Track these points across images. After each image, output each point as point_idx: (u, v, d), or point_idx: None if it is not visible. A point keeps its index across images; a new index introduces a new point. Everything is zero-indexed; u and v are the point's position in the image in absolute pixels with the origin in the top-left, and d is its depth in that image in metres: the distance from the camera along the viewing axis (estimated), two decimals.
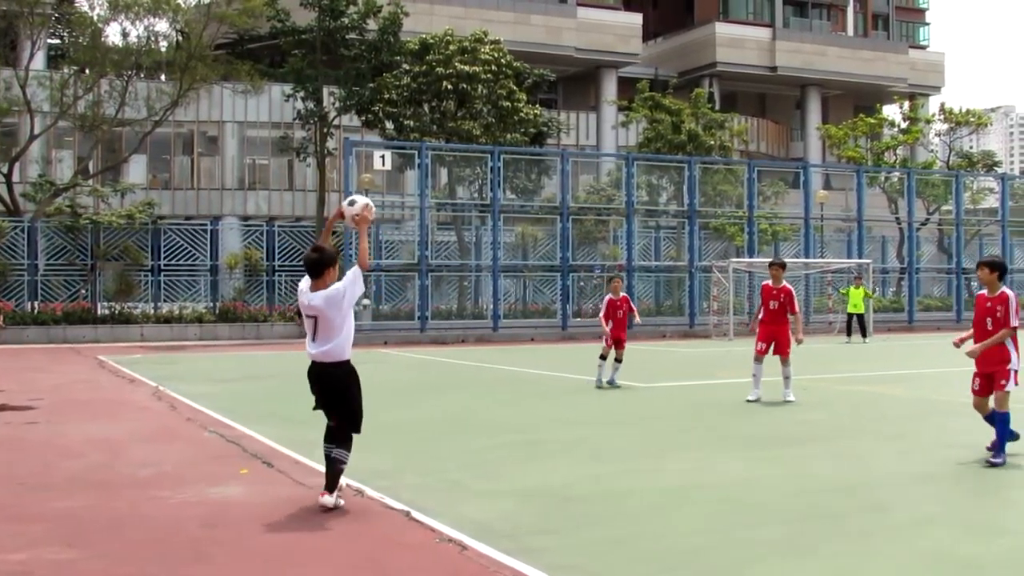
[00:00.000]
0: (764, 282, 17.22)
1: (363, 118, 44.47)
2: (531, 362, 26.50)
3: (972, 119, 56.51)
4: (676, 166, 43.19)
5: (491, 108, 43.16)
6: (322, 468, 9.02)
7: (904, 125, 59.01)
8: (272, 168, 60.82)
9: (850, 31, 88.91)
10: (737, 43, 78.49)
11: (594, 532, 7.89)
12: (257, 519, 8.36)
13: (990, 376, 11.13)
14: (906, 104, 62.53)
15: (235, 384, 20.48)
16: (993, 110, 78.30)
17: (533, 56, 58.44)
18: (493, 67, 43.12)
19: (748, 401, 16.50)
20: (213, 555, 7.34)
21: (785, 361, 16.69)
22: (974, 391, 11.31)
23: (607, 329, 19.30)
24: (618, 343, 19.39)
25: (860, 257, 43.54)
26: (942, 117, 57.56)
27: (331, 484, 8.67)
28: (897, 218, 50.72)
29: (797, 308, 16.78)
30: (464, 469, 10.64)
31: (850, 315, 36.21)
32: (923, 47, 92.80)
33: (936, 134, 59.46)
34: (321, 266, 8.60)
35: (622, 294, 19.86)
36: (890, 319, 44.93)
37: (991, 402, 11.20)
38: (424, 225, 37.02)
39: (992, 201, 58.86)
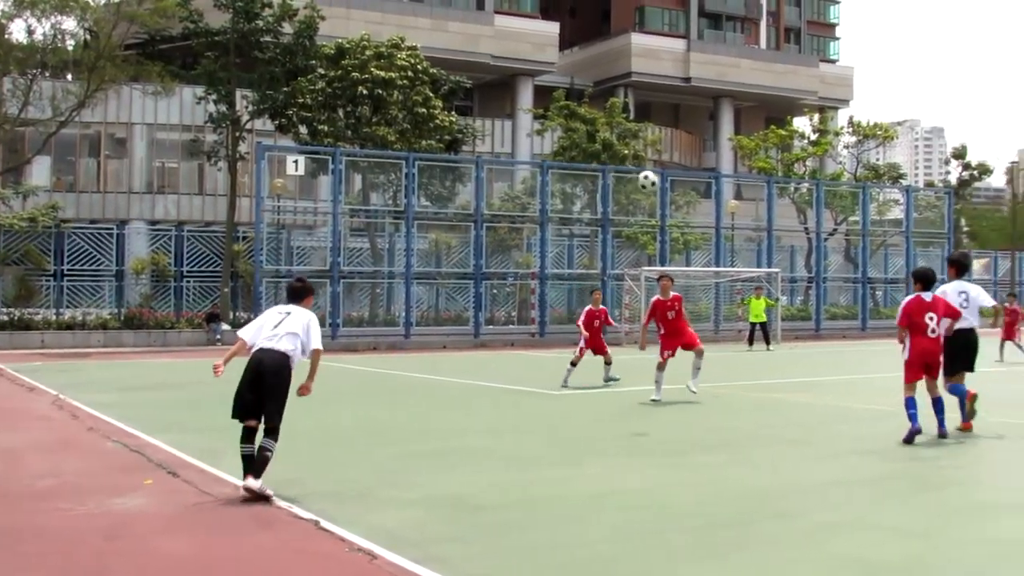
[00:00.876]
0: (655, 298, 18.38)
1: (276, 122, 44.05)
2: (443, 370, 26.42)
3: (879, 132, 57.57)
4: (590, 175, 43.40)
5: (406, 114, 43.02)
6: (229, 477, 8.85)
7: (814, 137, 59.89)
8: (182, 172, 60.03)
9: (763, 44, 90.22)
10: (652, 54, 79.19)
11: (504, 540, 7.86)
12: (162, 530, 8.19)
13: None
14: (816, 117, 63.54)
15: (140, 393, 20.13)
16: (899, 124, 79.71)
17: (450, 63, 58.39)
18: (409, 73, 43.00)
19: (652, 400, 17.43)
20: (115, 567, 7.17)
21: (699, 353, 17.87)
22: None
23: (586, 334, 20.78)
24: (599, 350, 20.79)
25: (769, 266, 44.11)
26: (850, 130, 58.60)
27: (259, 470, 9.12)
28: (806, 228, 51.45)
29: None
30: (374, 477, 10.55)
31: (752, 324, 36.59)
32: (833, 61, 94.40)
33: (844, 146, 60.49)
34: (303, 293, 10.00)
35: (602, 306, 21.36)
36: (797, 327, 45.53)
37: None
38: (337, 231, 36.77)
39: (897, 212, 59.91)
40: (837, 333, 46.21)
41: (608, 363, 21.01)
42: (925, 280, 13.23)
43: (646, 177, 26.02)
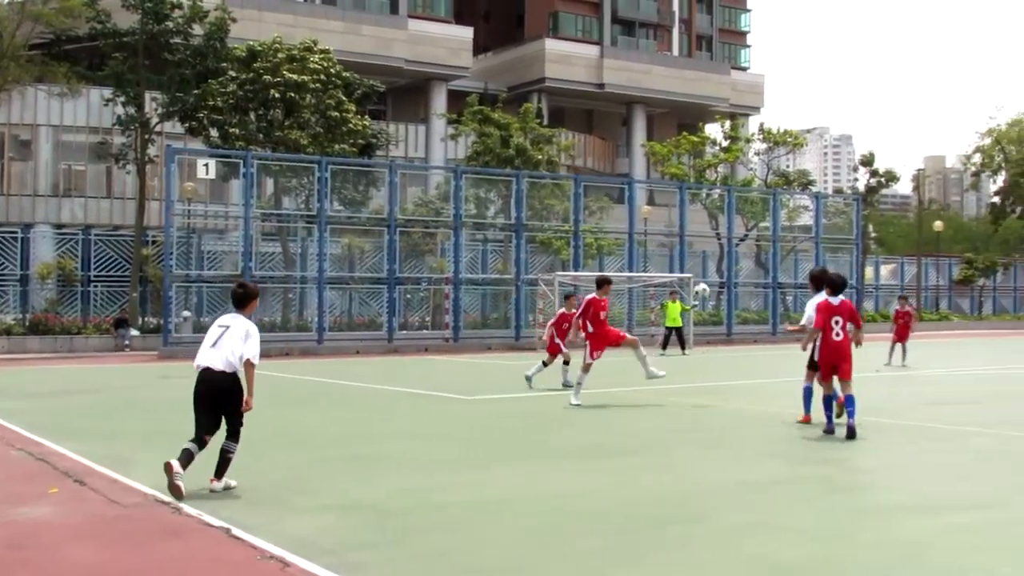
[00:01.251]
0: (591, 296, 18.28)
1: (187, 125, 43.53)
2: (357, 375, 26.28)
3: (789, 139, 58.39)
4: (504, 180, 43.47)
5: (319, 118, 42.77)
6: (137, 486, 8.71)
7: (725, 144, 60.63)
8: (89, 174, 59.05)
9: (675, 51, 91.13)
10: (566, 59, 79.61)
11: (416, 546, 7.84)
12: (69, 539, 8.04)
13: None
14: (727, 123, 64.27)
15: (45, 399, 19.75)
16: (809, 131, 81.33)
17: (363, 67, 58.16)
18: (322, 76, 42.75)
19: (572, 405, 17.58)
20: None
21: (634, 344, 18.56)
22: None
23: (547, 335, 22.09)
24: (557, 351, 21.76)
25: (682, 272, 44.49)
26: (761, 137, 59.38)
27: (221, 472, 9.92)
28: (717, 234, 51.96)
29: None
30: (286, 484, 10.46)
31: (668, 328, 36.90)
32: (744, 69, 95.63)
33: (755, 153, 61.32)
34: (245, 300, 10.31)
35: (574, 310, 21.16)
36: (709, 332, 46.01)
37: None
38: (248, 236, 36.41)
39: (807, 219, 60.80)
40: (748, 338, 46.74)
41: (566, 363, 21.73)
42: (833, 285, 14.10)
43: (704, 289, 27.00)
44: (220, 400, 9.88)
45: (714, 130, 66.37)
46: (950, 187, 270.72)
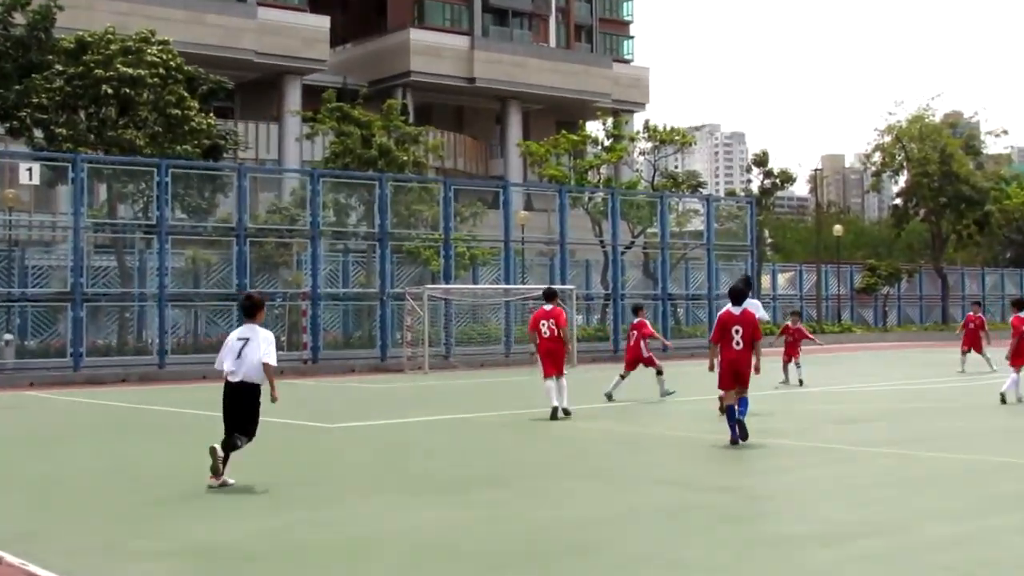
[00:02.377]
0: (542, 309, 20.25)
1: (7, 125, 42.48)
2: (202, 403, 25.89)
3: (676, 138, 59.15)
4: (366, 184, 43.30)
5: (158, 116, 42.13)
6: None
7: (608, 143, 61.14)
8: None
9: (552, 42, 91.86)
10: (433, 51, 79.70)
11: None
12: None
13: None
14: (609, 120, 64.86)
15: None
16: (697, 128, 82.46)
17: (208, 60, 57.45)
18: (161, 70, 42.13)
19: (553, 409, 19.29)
20: None
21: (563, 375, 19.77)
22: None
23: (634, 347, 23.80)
24: (648, 362, 23.85)
25: (563, 282, 44.73)
26: (646, 135, 60.06)
27: (226, 455, 12.03)
28: (601, 241, 52.41)
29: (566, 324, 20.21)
30: (123, 526, 10.23)
31: None
32: (627, 61, 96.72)
33: (640, 153, 61.98)
34: (254, 310, 12.76)
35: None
36: (594, 349, 46.29)
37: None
38: (79, 248, 35.67)
39: (698, 223, 61.67)
40: None
41: (660, 373, 23.62)
42: (733, 294, 15.72)
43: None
44: (243, 405, 12.36)
45: (595, 128, 66.97)
46: (850, 188, 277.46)
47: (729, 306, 15.57)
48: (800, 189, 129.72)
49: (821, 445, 15.74)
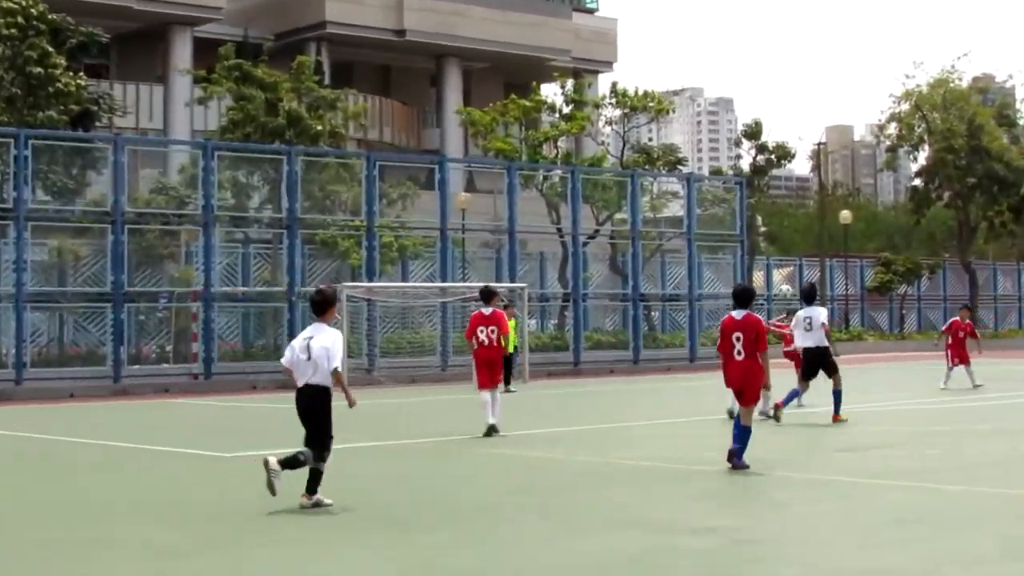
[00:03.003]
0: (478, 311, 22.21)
1: None
2: (71, 428, 25.79)
3: (651, 104, 59.19)
4: (271, 159, 43.18)
5: (16, 76, 41.92)
6: None
7: (567, 110, 61.09)
8: None
9: None
10: None
11: None
12: None
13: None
14: (569, 83, 64.89)
15: None
16: (676, 93, 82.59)
17: (78, 7, 56.97)
18: (19, 19, 41.94)
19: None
20: None
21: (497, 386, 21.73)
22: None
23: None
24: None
25: (512, 280, 44.75)
26: (614, 100, 60.05)
27: (311, 487, 13.66)
28: (559, 229, 52.38)
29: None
30: None
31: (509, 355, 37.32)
32: (591, 11, 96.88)
33: (607, 122, 61.92)
34: (325, 306, 14.20)
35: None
36: (551, 360, 46.22)
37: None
38: None
39: (676, 208, 61.75)
40: (603, 367, 47.11)
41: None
42: (737, 298, 16.65)
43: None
44: (315, 410, 13.83)
45: (552, 92, 67.07)
46: (860, 166, 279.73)
47: (732, 311, 16.44)
48: (800, 167, 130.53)
49: (822, 477, 15.83)
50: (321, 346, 13.61)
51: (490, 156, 58.70)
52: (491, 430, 20.88)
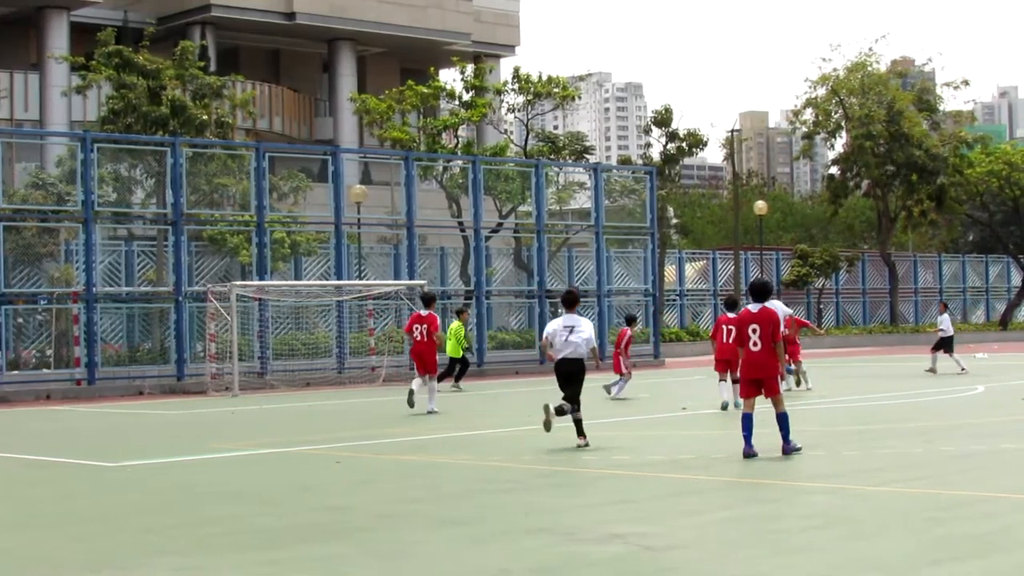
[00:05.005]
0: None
1: None
2: None
3: (556, 90, 59.36)
4: (155, 151, 42.91)
5: None
6: None
7: (467, 96, 61.12)
8: None
9: None
10: None
11: None
12: None
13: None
14: (469, 68, 64.95)
15: None
16: (582, 79, 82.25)
17: None
18: None
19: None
20: None
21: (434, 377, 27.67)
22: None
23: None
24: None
25: (412, 277, 44.79)
26: (516, 86, 60.18)
27: (580, 432, 19.39)
28: (460, 223, 52.44)
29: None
30: None
31: (453, 360, 37.55)
32: None
33: (510, 109, 62.09)
34: (575, 301, 19.92)
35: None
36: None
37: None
38: None
39: (584, 200, 61.97)
40: (508, 369, 47.24)
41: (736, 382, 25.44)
42: (754, 291, 18.48)
43: None
44: (576, 376, 19.41)
45: (451, 78, 67.07)
46: (775, 155, 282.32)
47: (749, 304, 18.43)
48: (713, 156, 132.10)
49: (738, 480, 16.04)
50: (580, 331, 19.33)
51: (386, 146, 58.62)
52: (411, 396, 26.95)
